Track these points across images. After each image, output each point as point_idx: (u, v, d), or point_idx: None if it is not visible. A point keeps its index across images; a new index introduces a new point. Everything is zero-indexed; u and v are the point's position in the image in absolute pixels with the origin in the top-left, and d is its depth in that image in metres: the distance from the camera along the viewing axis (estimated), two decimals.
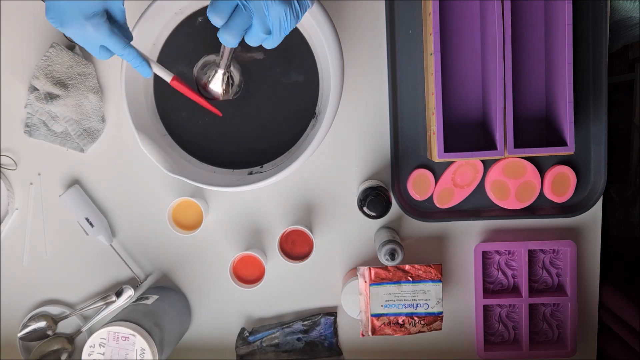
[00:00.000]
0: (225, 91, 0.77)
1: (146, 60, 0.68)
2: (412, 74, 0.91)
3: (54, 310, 0.97)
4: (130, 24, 0.79)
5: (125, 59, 0.66)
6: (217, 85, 0.76)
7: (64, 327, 0.98)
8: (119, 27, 0.65)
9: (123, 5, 0.64)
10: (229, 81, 0.77)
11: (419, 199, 0.93)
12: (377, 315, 0.88)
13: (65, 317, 0.97)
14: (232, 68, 0.78)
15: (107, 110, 0.95)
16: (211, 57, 0.78)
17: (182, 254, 0.97)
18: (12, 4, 0.93)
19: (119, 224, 0.97)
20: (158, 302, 0.91)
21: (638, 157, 1.17)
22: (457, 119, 0.90)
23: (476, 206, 0.94)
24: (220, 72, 0.74)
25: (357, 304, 0.92)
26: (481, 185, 0.93)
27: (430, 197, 0.93)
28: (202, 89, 0.77)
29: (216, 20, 0.60)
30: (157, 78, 0.85)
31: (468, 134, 0.90)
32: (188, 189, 0.95)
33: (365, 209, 0.87)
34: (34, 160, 0.96)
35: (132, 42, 0.67)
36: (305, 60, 0.83)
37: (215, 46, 0.84)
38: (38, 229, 0.97)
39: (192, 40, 0.83)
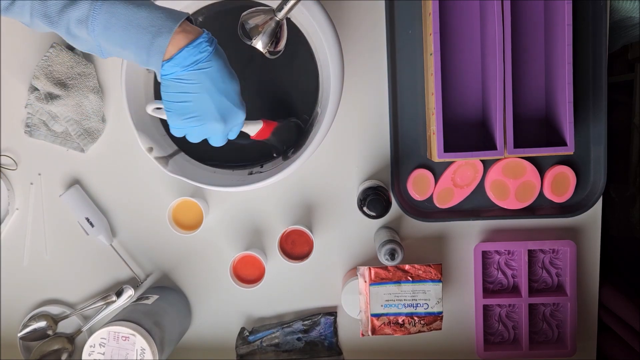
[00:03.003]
0: (270, 44, 0.72)
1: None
2: (412, 74, 0.91)
3: (54, 310, 0.97)
4: None
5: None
6: (267, 33, 0.70)
7: (64, 327, 0.98)
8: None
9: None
10: (277, 35, 0.71)
11: (419, 199, 0.93)
12: (377, 315, 0.88)
13: (66, 317, 0.97)
14: (285, 23, 0.72)
15: (107, 110, 0.95)
16: (264, 8, 0.72)
17: (182, 254, 0.97)
18: None
19: (119, 224, 0.97)
20: (158, 302, 0.91)
21: (638, 157, 1.17)
22: (457, 119, 0.90)
23: (476, 206, 0.94)
24: (276, 19, 0.69)
25: (357, 304, 0.92)
26: (481, 185, 0.93)
27: (430, 197, 0.93)
28: (246, 34, 0.72)
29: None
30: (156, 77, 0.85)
31: (468, 134, 0.90)
32: (188, 189, 0.95)
33: (365, 209, 0.87)
34: (34, 160, 0.96)
35: None
36: (305, 60, 0.83)
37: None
38: (38, 229, 0.97)
39: None
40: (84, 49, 0.63)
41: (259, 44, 0.71)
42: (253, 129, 0.80)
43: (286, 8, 0.68)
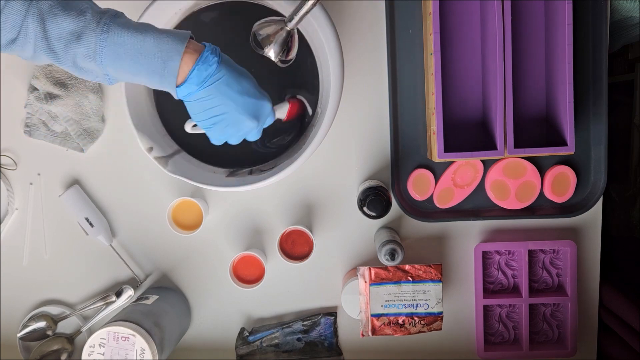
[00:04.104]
0: (282, 53, 0.73)
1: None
2: (412, 74, 0.91)
3: (53, 310, 0.97)
4: None
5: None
6: (278, 42, 0.72)
7: (64, 327, 0.98)
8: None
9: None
10: (288, 44, 0.73)
11: (419, 199, 0.93)
12: (377, 315, 0.88)
13: (65, 317, 0.97)
14: (295, 33, 0.73)
15: (107, 110, 0.95)
16: (276, 18, 0.74)
17: (182, 254, 0.97)
18: None
19: (119, 224, 0.97)
20: (158, 302, 0.91)
21: (638, 157, 1.16)
22: (457, 119, 0.90)
23: (476, 206, 0.94)
24: (287, 29, 0.71)
25: (357, 304, 0.92)
26: (481, 185, 0.93)
27: (430, 197, 0.93)
28: (258, 44, 0.74)
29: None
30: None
31: (468, 134, 0.90)
32: (188, 189, 0.95)
33: (365, 209, 0.87)
34: (34, 160, 0.96)
35: None
36: (305, 60, 0.83)
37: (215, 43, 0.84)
38: (38, 229, 0.97)
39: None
40: (92, 79, 0.63)
41: (271, 53, 0.73)
42: (282, 112, 0.81)
43: (296, 18, 0.69)
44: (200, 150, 0.87)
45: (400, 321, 0.89)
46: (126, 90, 0.80)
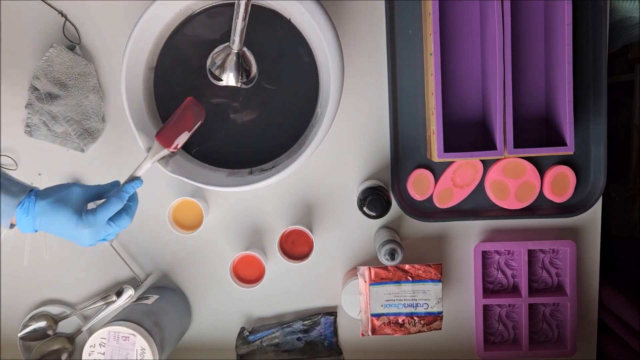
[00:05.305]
0: (240, 75, 0.73)
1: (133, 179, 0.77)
2: (412, 74, 0.91)
3: (54, 310, 0.97)
4: (131, 24, 0.79)
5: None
6: (231, 68, 0.72)
7: (64, 326, 0.98)
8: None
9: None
10: (242, 64, 0.73)
11: (419, 199, 0.93)
12: (377, 315, 0.88)
13: (66, 317, 0.97)
14: (246, 51, 0.73)
15: (107, 110, 0.95)
16: (223, 45, 0.74)
17: (182, 254, 0.97)
18: (12, 4, 0.93)
19: None
20: (158, 302, 0.91)
21: (638, 157, 1.17)
22: (457, 119, 0.90)
23: (476, 206, 0.94)
24: (234, 52, 0.71)
25: (357, 304, 0.92)
26: (481, 185, 0.93)
27: (430, 197, 0.93)
28: (215, 76, 0.74)
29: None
30: (157, 76, 0.85)
31: (468, 134, 0.90)
32: (188, 189, 0.95)
33: (365, 209, 0.87)
34: (34, 160, 0.96)
35: None
36: (305, 60, 0.83)
37: (214, 46, 0.84)
38: None
39: (192, 39, 0.83)
40: None
41: (230, 80, 0.72)
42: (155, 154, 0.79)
43: (237, 39, 0.69)
44: (200, 150, 0.87)
45: (400, 321, 0.89)
46: (126, 90, 0.80)
